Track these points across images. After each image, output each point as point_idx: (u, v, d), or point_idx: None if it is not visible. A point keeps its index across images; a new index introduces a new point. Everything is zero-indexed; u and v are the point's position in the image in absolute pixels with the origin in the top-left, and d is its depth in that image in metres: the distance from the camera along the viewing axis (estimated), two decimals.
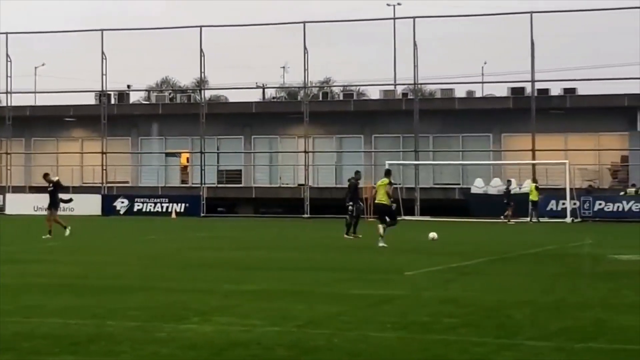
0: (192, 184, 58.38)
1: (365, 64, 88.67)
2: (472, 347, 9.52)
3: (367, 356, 9.12)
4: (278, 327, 10.72)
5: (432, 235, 27.11)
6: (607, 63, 65.46)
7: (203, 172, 55.67)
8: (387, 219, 26.28)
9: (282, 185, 57.55)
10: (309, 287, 15.14)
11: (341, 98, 62.77)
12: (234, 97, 64.81)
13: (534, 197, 45.74)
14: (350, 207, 30.48)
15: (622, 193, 48.44)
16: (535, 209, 45.69)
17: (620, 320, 11.29)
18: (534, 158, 50.86)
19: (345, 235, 29.72)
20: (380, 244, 24.98)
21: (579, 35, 64.21)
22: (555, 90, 55.90)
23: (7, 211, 53.91)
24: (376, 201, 26.90)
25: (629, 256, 22.23)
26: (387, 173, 28.30)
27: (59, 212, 31.63)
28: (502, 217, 44.67)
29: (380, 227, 25.75)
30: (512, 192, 45.98)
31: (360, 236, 29.59)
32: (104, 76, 56.96)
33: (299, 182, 55.99)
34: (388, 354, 9.22)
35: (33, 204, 50.72)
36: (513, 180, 47.77)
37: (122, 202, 53.98)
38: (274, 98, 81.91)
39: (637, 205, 46.81)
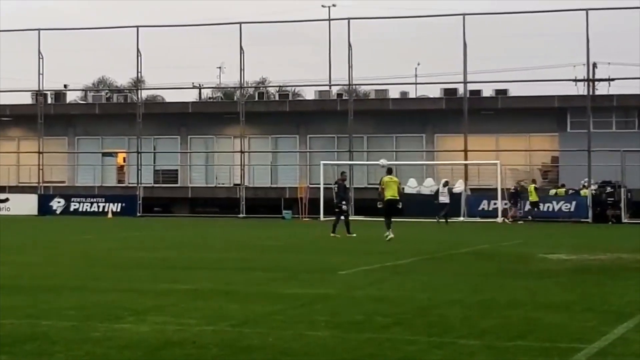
0: (129, 183, 58.01)
1: (301, 64, 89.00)
2: (404, 345, 9.63)
3: (300, 355, 9.20)
4: (213, 326, 10.78)
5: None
6: (538, 65, 66.46)
7: (139, 171, 55.37)
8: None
9: (218, 185, 57.54)
10: (243, 287, 15.22)
11: (277, 98, 62.96)
12: (170, 97, 64.90)
13: (533, 198, 46.49)
14: (344, 207, 31.42)
15: (552, 193, 49.17)
16: (537, 209, 46.52)
17: (549, 319, 11.49)
18: (466, 158, 51.41)
19: (347, 234, 30.44)
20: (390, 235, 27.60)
21: (510, 37, 65.13)
22: (487, 91, 56.61)
23: None
24: (389, 197, 28.83)
25: (558, 255, 22.56)
26: (390, 171, 30.44)
27: None
28: (505, 219, 45.50)
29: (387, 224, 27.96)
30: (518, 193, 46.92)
31: (354, 235, 30.30)
32: (41, 75, 56.37)
33: (234, 182, 56.07)
34: (321, 353, 9.30)
35: None
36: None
37: (59, 202, 53.60)
38: (210, 98, 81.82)
39: (566, 206, 47.54)
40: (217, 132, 58.36)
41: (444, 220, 43.16)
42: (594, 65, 55.09)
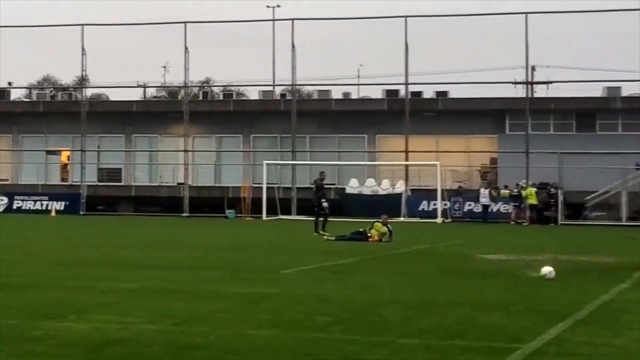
0: (73, 182, 57.71)
1: (245, 64, 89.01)
2: (344, 345, 9.73)
3: (242, 353, 9.27)
4: (155, 324, 10.81)
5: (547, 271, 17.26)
6: (479, 67, 67.13)
7: (83, 170, 55.17)
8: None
9: (162, 184, 57.45)
10: (187, 285, 15.25)
11: (221, 98, 63.07)
12: (115, 95, 64.59)
13: (533, 200, 46.95)
14: (324, 206, 31.80)
15: (495, 194, 49.70)
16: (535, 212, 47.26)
17: (487, 318, 11.65)
18: (407, 159, 51.83)
19: (321, 232, 30.80)
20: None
21: (452, 39, 65.56)
22: (428, 93, 57.06)
23: None
24: None
25: (497, 256, 22.87)
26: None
27: None
28: (512, 222, 46.14)
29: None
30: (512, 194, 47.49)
31: (327, 234, 30.37)
32: None
33: (178, 181, 56.10)
34: (263, 351, 9.37)
35: None
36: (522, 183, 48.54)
37: (2, 200, 53.30)
38: (154, 97, 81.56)
39: (505, 207, 48.12)
40: (161, 131, 58.35)
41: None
42: (533, 68, 55.75)
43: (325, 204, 31.92)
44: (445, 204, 47.68)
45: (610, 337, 10.38)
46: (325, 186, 34.25)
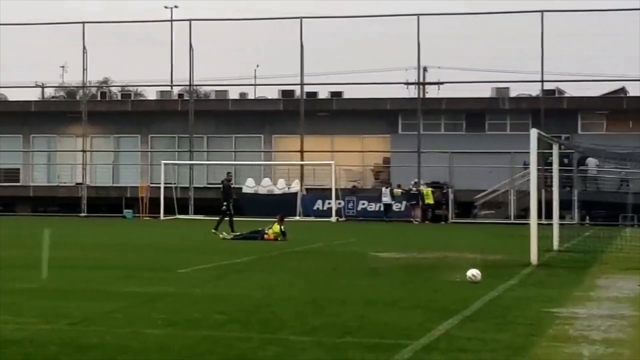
0: None
1: (143, 65, 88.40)
2: (239, 342, 9.89)
3: (137, 353, 9.34)
4: (51, 324, 10.84)
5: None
6: (373, 68, 67.81)
7: None
8: None
9: (60, 184, 56.75)
10: (83, 285, 15.23)
11: (119, 98, 62.53)
12: (13, 95, 63.43)
13: (430, 200, 47.86)
14: (224, 207, 31.91)
15: (397, 193, 50.24)
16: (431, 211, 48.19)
17: (378, 316, 11.89)
18: (302, 159, 52.13)
19: (217, 231, 30.53)
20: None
21: (346, 40, 66.18)
22: (323, 93, 57.48)
23: None
24: None
25: (389, 254, 23.23)
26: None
27: None
28: (414, 221, 46.34)
29: None
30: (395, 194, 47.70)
31: (224, 233, 30.22)
32: None
33: (76, 181, 55.59)
34: (158, 350, 9.46)
35: None
36: (414, 182, 48.83)
37: None
38: (52, 97, 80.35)
39: (397, 205, 48.73)
40: (59, 131, 57.78)
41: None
42: (425, 69, 56.63)
43: (224, 207, 32.07)
44: (339, 203, 48.11)
45: (497, 332, 10.69)
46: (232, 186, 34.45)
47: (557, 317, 11.96)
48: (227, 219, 32.11)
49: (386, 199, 47.89)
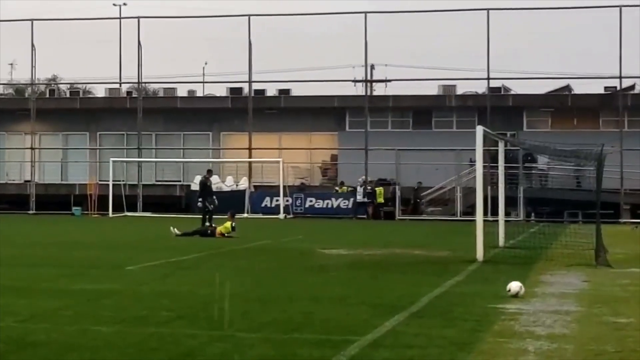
0: None
1: (92, 62, 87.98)
2: (186, 339, 9.90)
3: (85, 350, 9.31)
4: None
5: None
6: (320, 65, 68.09)
7: None
8: None
9: (9, 182, 56.36)
10: (30, 283, 15.14)
11: (68, 96, 62.27)
12: None
13: (381, 199, 48.15)
14: (199, 204, 32.75)
15: (335, 190, 50.46)
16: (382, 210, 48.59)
17: (325, 312, 11.97)
18: (250, 156, 52.18)
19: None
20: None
21: (294, 38, 66.35)
22: (272, 91, 57.55)
23: None
24: None
25: (337, 250, 23.37)
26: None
27: None
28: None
29: None
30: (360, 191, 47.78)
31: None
32: None
33: (25, 179, 55.28)
34: (105, 347, 9.45)
35: None
36: (362, 179, 48.87)
37: None
38: (1, 95, 79.66)
39: (345, 202, 48.92)
40: (7, 128, 57.64)
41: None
42: (372, 66, 56.90)
43: (200, 204, 32.52)
44: (287, 200, 48.20)
45: (443, 328, 10.78)
46: (209, 184, 34.47)
47: (503, 313, 12.09)
48: (207, 215, 32.37)
49: (359, 197, 48.06)
